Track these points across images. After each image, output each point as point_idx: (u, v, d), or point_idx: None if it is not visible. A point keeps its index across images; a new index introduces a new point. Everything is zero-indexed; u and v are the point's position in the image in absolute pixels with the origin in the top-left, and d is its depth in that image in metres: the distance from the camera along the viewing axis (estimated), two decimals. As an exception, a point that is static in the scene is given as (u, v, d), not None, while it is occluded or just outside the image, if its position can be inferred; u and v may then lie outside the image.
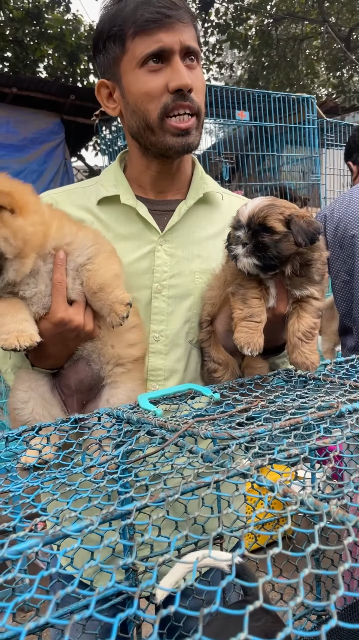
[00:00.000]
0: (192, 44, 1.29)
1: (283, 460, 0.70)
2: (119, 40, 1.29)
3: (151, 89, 1.27)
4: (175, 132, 1.28)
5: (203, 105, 1.35)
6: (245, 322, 1.15)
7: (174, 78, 1.25)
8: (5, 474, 0.84)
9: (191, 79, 1.28)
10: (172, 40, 1.25)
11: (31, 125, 8.10)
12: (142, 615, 0.43)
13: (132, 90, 1.30)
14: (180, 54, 1.27)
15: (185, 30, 1.28)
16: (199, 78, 1.33)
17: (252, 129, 4.85)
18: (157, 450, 0.77)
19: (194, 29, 1.33)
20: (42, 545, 0.52)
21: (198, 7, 12.67)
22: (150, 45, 1.25)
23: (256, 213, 1.15)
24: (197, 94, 1.31)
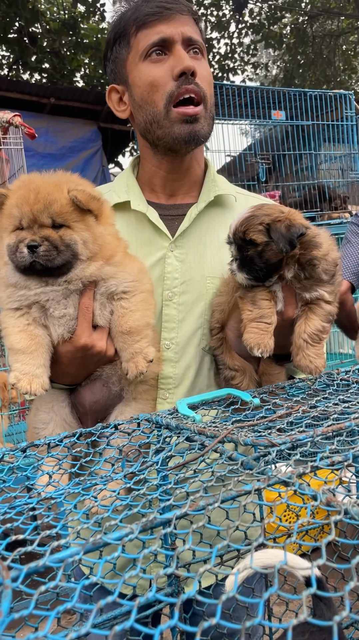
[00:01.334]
0: (194, 36, 1.32)
1: (325, 467, 0.68)
2: (124, 40, 1.34)
3: (155, 78, 1.28)
4: (182, 119, 1.27)
5: (210, 96, 1.34)
6: (255, 324, 1.14)
7: (177, 64, 1.27)
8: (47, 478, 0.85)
9: (196, 65, 1.29)
10: (173, 31, 1.29)
11: (69, 134, 8.25)
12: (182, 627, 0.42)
13: (138, 83, 1.32)
14: (183, 44, 1.30)
15: (187, 23, 1.31)
16: (205, 68, 1.34)
17: (289, 128, 4.79)
18: (197, 458, 0.76)
19: (196, 25, 1.36)
20: (83, 553, 0.53)
21: (232, 8, 12.64)
22: (152, 37, 1.29)
23: (237, 228, 1.16)
24: (203, 82, 1.31)
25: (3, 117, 2.77)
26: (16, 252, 1.08)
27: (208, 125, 1.34)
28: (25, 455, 0.88)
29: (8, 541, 0.58)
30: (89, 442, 0.93)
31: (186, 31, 1.30)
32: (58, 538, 0.68)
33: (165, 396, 1.32)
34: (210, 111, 1.34)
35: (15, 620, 0.46)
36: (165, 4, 1.29)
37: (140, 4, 1.32)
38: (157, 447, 0.87)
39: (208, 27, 12.71)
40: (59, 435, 0.95)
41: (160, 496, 0.72)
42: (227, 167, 4.90)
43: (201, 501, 0.61)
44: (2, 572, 0.48)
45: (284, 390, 1.13)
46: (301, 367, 1.15)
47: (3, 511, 0.68)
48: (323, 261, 1.16)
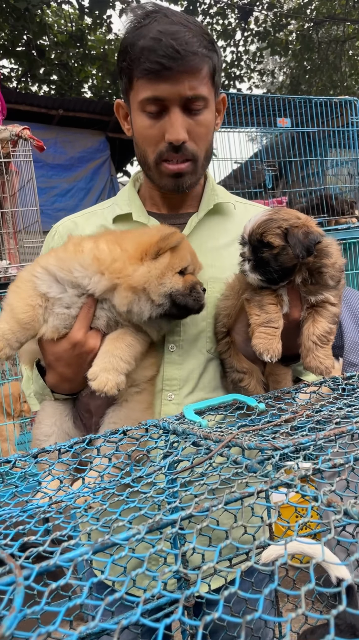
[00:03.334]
0: (196, 92, 1.26)
1: (327, 469, 0.70)
2: (127, 76, 1.31)
3: (149, 135, 1.30)
4: (169, 174, 1.33)
5: (202, 151, 1.34)
6: (263, 328, 1.16)
7: (169, 131, 1.27)
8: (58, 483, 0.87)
9: (190, 126, 1.28)
10: (170, 91, 1.24)
11: (77, 145, 8.35)
12: (187, 622, 0.44)
13: (135, 128, 1.35)
14: (181, 104, 1.26)
15: (190, 79, 1.24)
16: (202, 124, 1.31)
17: (295, 135, 4.81)
18: (203, 461, 0.78)
19: (208, 65, 1.28)
20: (92, 553, 0.55)
21: (237, 16, 12.72)
22: (148, 92, 1.26)
23: (254, 229, 1.17)
24: (196, 141, 1.31)
25: (12, 131, 2.82)
26: (191, 292, 1.22)
27: (196, 176, 1.37)
28: (37, 461, 0.91)
29: (20, 542, 0.60)
30: (98, 447, 0.95)
31: (185, 90, 1.24)
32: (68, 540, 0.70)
33: (170, 397, 1.35)
34: (202, 162, 1.37)
35: (28, 624, 0.48)
36: (165, 62, 1.20)
37: (143, 49, 1.23)
38: (165, 451, 0.89)
39: (214, 36, 12.81)
40: (69, 441, 0.97)
41: (167, 499, 0.74)
42: (234, 175, 4.94)
43: (206, 503, 0.63)
44: (15, 571, 0.51)
45: (289, 395, 1.15)
46: (311, 369, 1.17)
47: (16, 514, 0.70)
48: (331, 269, 1.19)
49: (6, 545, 0.60)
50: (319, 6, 13.14)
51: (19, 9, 8.99)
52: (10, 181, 3.23)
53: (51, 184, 7.95)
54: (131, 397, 1.27)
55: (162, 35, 1.20)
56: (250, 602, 1.06)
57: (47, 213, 7.57)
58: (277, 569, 0.49)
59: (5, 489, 0.86)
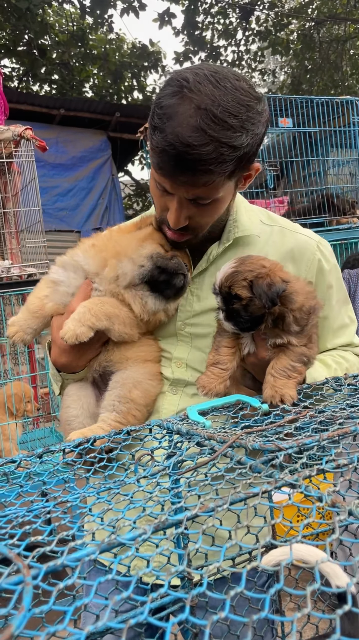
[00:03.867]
0: (201, 194, 1.20)
1: (331, 470, 0.70)
2: (150, 135, 1.23)
3: (155, 198, 1.31)
4: (168, 237, 1.34)
5: (206, 226, 1.31)
6: (212, 368, 1.24)
7: (169, 214, 1.26)
8: (63, 484, 0.88)
9: (192, 213, 1.24)
10: (171, 188, 1.21)
11: (79, 144, 8.36)
12: (194, 621, 0.45)
13: (150, 182, 1.34)
14: (184, 198, 1.22)
15: (191, 188, 1.19)
16: (206, 213, 1.27)
17: (296, 134, 4.82)
18: (207, 462, 0.79)
19: (228, 168, 1.17)
20: (99, 552, 0.55)
21: (238, 16, 12.72)
22: (156, 174, 1.22)
23: (222, 282, 1.22)
24: (199, 221, 1.28)
25: (15, 131, 2.82)
26: (172, 258, 1.36)
27: (198, 239, 1.35)
28: (42, 461, 0.91)
29: (27, 542, 0.61)
30: (102, 448, 0.96)
31: (192, 194, 1.20)
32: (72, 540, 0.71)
33: (175, 392, 1.42)
34: (204, 233, 1.34)
35: (31, 623, 0.49)
36: (169, 169, 1.16)
37: (160, 141, 1.15)
38: (169, 452, 0.90)
39: (215, 35, 12.81)
40: (73, 441, 0.98)
41: (172, 499, 0.74)
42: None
43: (211, 503, 0.64)
44: (23, 570, 0.51)
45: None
46: (266, 398, 1.16)
47: (22, 514, 0.71)
48: (296, 313, 1.22)
49: (13, 545, 0.60)
50: (320, 6, 13.14)
51: (20, 8, 8.99)
52: (13, 181, 3.24)
53: (52, 183, 7.97)
54: (133, 366, 1.39)
55: (176, 140, 1.11)
56: (252, 601, 1.07)
57: (49, 212, 7.58)
58: (282, 569, 0.49)
59: (11, 489, 0.86)
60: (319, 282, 1.43)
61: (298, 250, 1.43)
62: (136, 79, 12.23)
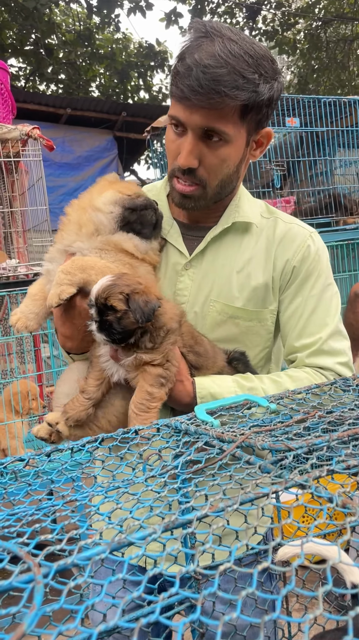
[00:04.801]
0: (213, 126, 1.26)
1: (341, 471, 0.70)
2: (171, 84, 1.34)
3: (170, 148, 1.35)
4: (177, 191, 1.37)
5: (214, 181, 1.34)
6: (79, 395, 1.32)
7: (180, 153, 1.31)
8: (71, 483, 0.88)
9: (203, 153, 1.29)
10: (187, 118, 1.27)
11: (85, 144, 8.37)
12: (206, 621, 0.45)
13: (166, 138, 1.39)
14: (196, 131, 1.28)
15: (206, 114, 1.25)
16: (216, 156, 1.30)
17: (303, 134, 4.80)
18: (215, 462, 0.78)
19: (243, 100, 1.25)
20: (109, 552, 0.55)
21: (245, 16, 12.70)
22: (173, 110, 1.31)
23: (100, 293, 1.24)
24: (208, 169, 1.31)
25: (22, 130, 2.83)
26: (138, 197, 1.39)
27: (206, 201, 1.38)
28: (50, 459, 0.91)
29: (37, 540, 0.61)
30: (111, 447, 0.96)
31: (202, 123, 1.26)
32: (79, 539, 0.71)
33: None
34: (214, 189, 1.36)
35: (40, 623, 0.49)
36: (187, 91, 1.22)
37: (180, 71, 1.25)
38: (177, 451, 0.89)
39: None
40: (81, 440, 0.98)
41: (180, 499, 0.74)
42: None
43: (220, 503, 0.63)
44: (34, 569, 0.51)
45: (301, 396, 1.15)
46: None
47: (31, 513, 0.71)
48: (156, 331, 1.27)
49: (23, 543, 0.60)
50: (327, 5, 13.09)
51: (27, 8, 9.01)
52: (20, 180, 3.25)
53: (58, 182, 7.98)
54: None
55: (195, 65, 1.21)
56: (260, 601, 1.07)
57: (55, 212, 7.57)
58: (294, 570, 0.49)
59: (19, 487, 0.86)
60: (301, 269, 1.44)
61: (290, 236, 1.46)
62: (142, 78, 12.23)
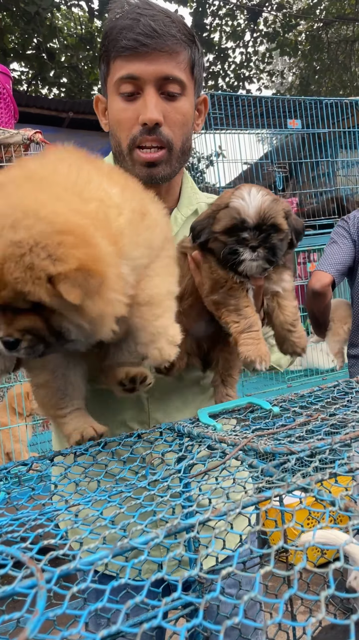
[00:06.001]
0: (173, 73, 1.24)
1: (344, 474, 0.70)
2: (105, 60, 1.30)
3: (122, 119, 1.27)
4: (141, 162, 1.28)
5: (178, 140, 1.30)
6: (246, 334, 1.09)
7: (142, 111, 1.23)
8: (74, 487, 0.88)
9: (166, 110, 1.25)
10: (145, 70, 1.22)
11: (87, 147, 8.27)
12: (209, 626, 0.45)
13: (110, 114, 1.32)
14: (156, 84, 1.23)
15: (166, 60, 1.22)
16: (178, 110, 1.28)
17: (305, 136, 4.80)
18: (218, 465, 0.78)
19: (187, 54, 1.27)
20: (112, 557, 0.55)
21: (246, 17, 12.71)
22: (123, 71, 1.24)
23: (265, 212, 1.07)
24: (172, 127, 1.27)
25: (25, 135, 2.84)
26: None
27: (171, 167, 1.32)
28: (53, 464, 0.91)
29: (40, 545, 0.61)
30: (113, 450, 0.96)
31: (162, 70, 1.23)
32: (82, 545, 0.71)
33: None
34: (178, 152, 1.32)
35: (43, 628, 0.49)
36: (143, 39, 1.20)
37: (122, 28, 1.23)
38: (179, 455, 0.90)
39: (223, 37, 12.80)
40: (84, 444, 0.98)
41: (183, 503, 0.74)
42: (244, 176, 4.93)
43: (223, 507, 0.63)
44: (37, 574, 0.51)
45: (304, 399, 1.15)
46: (296, 351, 1.19)
47: (34, 517, 0.71)
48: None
49: (26, 548, 0.60)
50: (328, 6, 13.10)
51: (29, 12, 9.04)
52: (22, 184, 3.25)
53: (61, 186, 7.98)
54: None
55: (141, 16, 1.20)
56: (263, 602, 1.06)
57: (58, 215, 7.58)
58: (296, 574, 0.49)
59: (22, 491, 0.87)
60: None
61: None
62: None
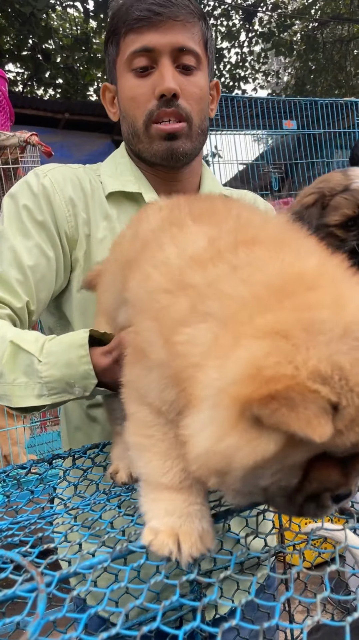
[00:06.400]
0: (189, 45, 1.19)
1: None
2: (114, 40, 1.24)
3: (136, 95, 1.21)
4: (161, 135, 1.21)
5: (196, 114, 1.24)
6: None
7: (159, 82, 1.17)
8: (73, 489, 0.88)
9: (182, 84, 1.20)
10: (159, 40, 1.17)
11: (84, 148, 8.38)
12: (206, 629, 0.45)
13: (122, 94, 1.25)
14: (171, 56, 1.18)
15: (181, 30, 1.18)
16: (195, 84, 1.23)
17: (300, 136, 4.82)
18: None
19: (200, 28, 1.23)
20: (111, 560, 0.56)
21: (241, 18, 12.73)
22: (136, 44, 1.18)
23: None
24: (189, 100, 1.21)
25: (21, 137, 2.85)
26: None
27: (192, 142, 1.25)
28: (52, 466, 0.92)
29: (40, 549, 0.62)
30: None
31: (178, 41, 1.18)
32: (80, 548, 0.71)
33: None
34: (197, 128, 1.26)
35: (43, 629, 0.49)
36: (156, 8, 1.15)
37: (134, 2, 1.18)
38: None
39: (219, 37, 12.81)
40: (82, 447, 0.99)
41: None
42: (240, 176, 4.94)
43: (222, 509, 0.64)
44: (37, 578, 0.52)
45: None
46: None
47: (33, 521, 0.72)
48: None
49: (26, 552, 0.61)
50: (323, 6, 13.13)
51: (24, 13, 9.02)
52: (19, 186, 3.26)
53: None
54: None
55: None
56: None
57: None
58: (293, 576, 0.50)
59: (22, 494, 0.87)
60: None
61: (252, 201, 1.42)
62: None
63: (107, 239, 1.20)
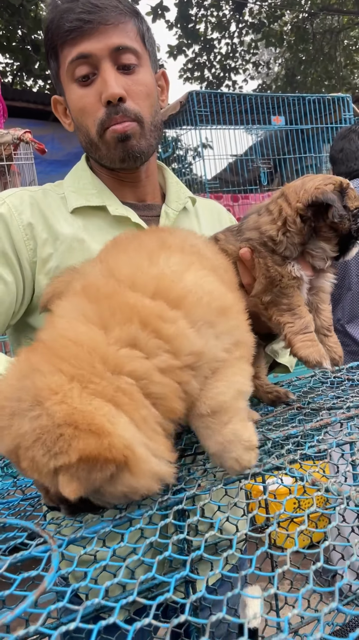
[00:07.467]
0: (125, 43, 1.20)
1: (313, 454, 0.80)
2: (53, 55, 1.25)
3: (85, 105, 1.22)
4: (115, 137, 1.22)
5: (146, 113, 1.25)
6: (302, 336, 1.03)
7: (103, 88, 1.18)
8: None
9: (127, 85, 1.21)
10: (95, 45, 1.18)
11: (74, 140, 8.26)
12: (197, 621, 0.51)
13: (71, 105, 1.26)
14: (111, 58, 1.19)
15: (114, 31, 1.19)
16: (139, 82, 1.23)
17: (289, 131, 4.89)
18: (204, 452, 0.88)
19: (133, 24, 1.23)
20: (113, 526, 0.65)
21: (231, 8, 12.73)
22: (73, 53, 1.19)
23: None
24: (136, 100, 1.22)
25: (14, 134, 2.90)
26: None
27: (146, 140, 1.26)
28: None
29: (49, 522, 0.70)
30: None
31: (113, 42, 1.18)
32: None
33: None
34: (150, 125, 1.26)
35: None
36: (85, 16, 1.16)
37: (62, 13, 1.18)
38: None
39: (209, 28, 12.82)
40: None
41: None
42: (229, 169, 5.01)
43: (207, 484, 0.73)
44: (49, 540, 0.61)
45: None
46: (334, 358, 1.08)
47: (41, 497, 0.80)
48: None
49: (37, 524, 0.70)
50: (313, -3, 13.16)
51: (13, 4, 8.99)
52: (12, 182, 3.32)
53: (49, 179, 7.89)
54: None
55: (65, 1, 1.17)
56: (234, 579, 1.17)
57: (46, 209, 7.60)
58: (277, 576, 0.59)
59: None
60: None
61: (217, 211, 1.53)
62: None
63: (75, 250, 1.21)
